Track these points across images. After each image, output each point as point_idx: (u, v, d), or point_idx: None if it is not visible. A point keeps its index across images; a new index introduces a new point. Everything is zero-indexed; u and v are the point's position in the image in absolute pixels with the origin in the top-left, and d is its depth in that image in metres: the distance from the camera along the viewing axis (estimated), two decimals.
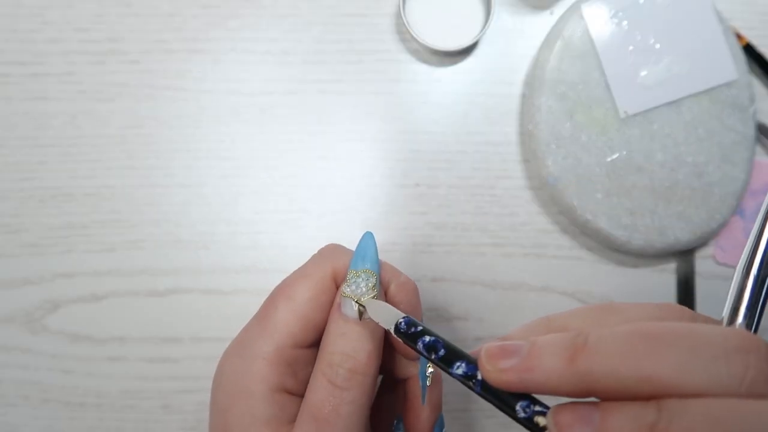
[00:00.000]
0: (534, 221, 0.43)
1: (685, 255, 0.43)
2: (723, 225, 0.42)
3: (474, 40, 0.41)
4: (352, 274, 0.25)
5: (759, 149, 0.43)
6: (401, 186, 0.43)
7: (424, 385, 0.26)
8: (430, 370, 0.26)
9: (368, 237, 0.26)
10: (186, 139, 0.43)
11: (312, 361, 0.25)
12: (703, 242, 0.42)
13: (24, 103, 0.43)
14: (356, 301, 0.24)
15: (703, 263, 0.44)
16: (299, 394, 0.25)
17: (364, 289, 0.25)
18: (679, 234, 0.41)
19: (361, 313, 0.24)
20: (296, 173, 0.43)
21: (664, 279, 0.43)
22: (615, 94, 0.40)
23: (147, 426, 0.42)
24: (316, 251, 0.29)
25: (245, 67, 0.43)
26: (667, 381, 0.16)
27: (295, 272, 0.27)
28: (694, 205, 0.41)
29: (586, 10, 0.41)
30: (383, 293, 0.26)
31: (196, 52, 0.43)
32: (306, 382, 0.25)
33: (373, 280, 0.25)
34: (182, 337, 0.42)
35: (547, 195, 0.43)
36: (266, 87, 0.43)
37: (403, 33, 0.44)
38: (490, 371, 0.19)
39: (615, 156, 0.41)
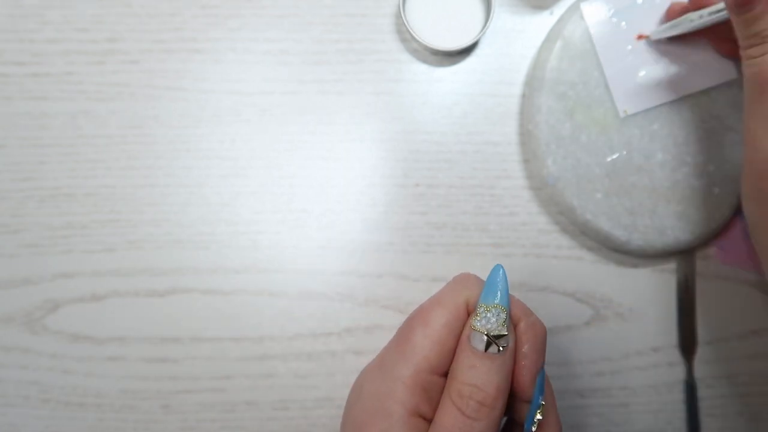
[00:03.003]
0: (534, 221, 0.43)
1: (685, 255, 0.43)
2: (723, 225, 0.42)
3: (474, 40, 0.41)
4: (482, 308, 0.26)
5: None
6: (401, 186, 0.43)
7: (528, 429, 0.26)
8: (539, 417, 0.26)
9: (498, 270, 0.26)
10: (186, 139, 0.43)
11: (444, 387, 0.26)
12: (703, 242, 0.42)
13: (24, 103, 0.43)
14: (486, 335, 0.25)
15: (703, 263, 0.44)
16: (432, 419, 0.26)
17: (494, 323, 0.25)
18: (679, 234, 0.41)
19: (489, 346, 0.25)
20: (296, 173, 0.43)
21: (664, 279, 0.43)
22: (614, 94, 0.40)
23: (147, 426, 0.42)
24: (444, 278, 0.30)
25: (245, 67, 0.43)
26: None
27: (430, 299, 0.28)
28: (694, 205, 0.41)
29: (586, 10, 0.41)
30: (512, 330, 0.27)
31: (196, 52, 0.43)
32: None
33: (503, 316, 0.25)
34: (182, 337, 0.42)
35: (547, 195, 0.43)
36: (266, 87, 0.43)
37: (403, 33, 0.44)
38: None
39: (615, 156, 0.41)
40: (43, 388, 0.42)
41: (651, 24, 0.41)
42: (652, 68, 0.41)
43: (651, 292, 0.43)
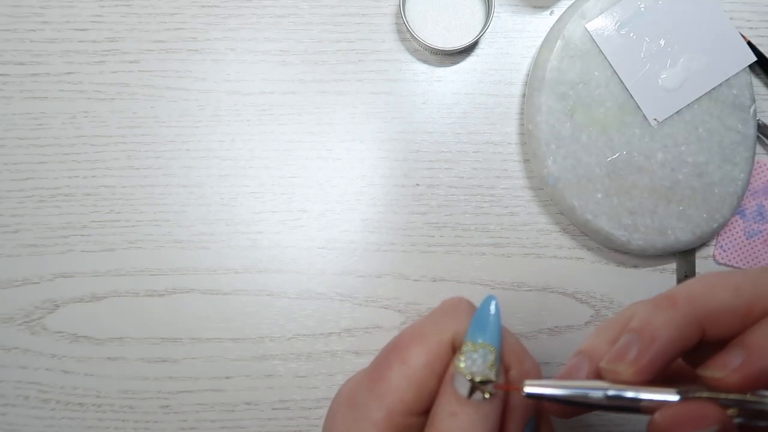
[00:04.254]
0: (534, 221, 0.43)
1: (685, 255, 0.43)
2: (723, 225, 0.42)
3: (474, 40, 0.41)
4: (468, 347, 0.22)
5: (759, 149, 0.43)
6: (401, 186, 0.43)
7: None
8: None
9: (490, 303, 0.23)
10: (186, 139, 0.43)
11: (423, 428, 0.23)
12: (703, 242, 0.42)
13: (24, 103, 0.43)
14: (470, 380, 0.22)
15: (703, 263, 0.44)
16: None
17: (480, 366, 0.22)
18: (679, 234, 0.41)
19: (473, 392, 0.22)
20: (296, 173, 0.43)
21: (664, 279, 0.43)
22: (641, 104, 0.40)
23: (147, 426, 0.42)
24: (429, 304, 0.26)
25: (245, 67, 0.43)
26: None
27: (412, 329, 0.24)
28: (694, 205, 0.41)
29: (591, 27, 0.40)
30: (503, 373, 0.24)
31: (196, 52, 0.43)
32: None
33: (491, 357, 0.22)
34: (182, 337, 0.42)
35: (547, 195, 0.43)
36: (266, 87, 0.43)
37: (403, 33, 0.44)
38: (625, 370, 0.20)
39: (615, 156, 0.41)
40: (42, 388, 0.42)
41: (659, 28, 0.40)
42: (671, 71, 0.40)
43: (651, 292, 0.43)
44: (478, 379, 0.22)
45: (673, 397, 0.20)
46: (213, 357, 0.42)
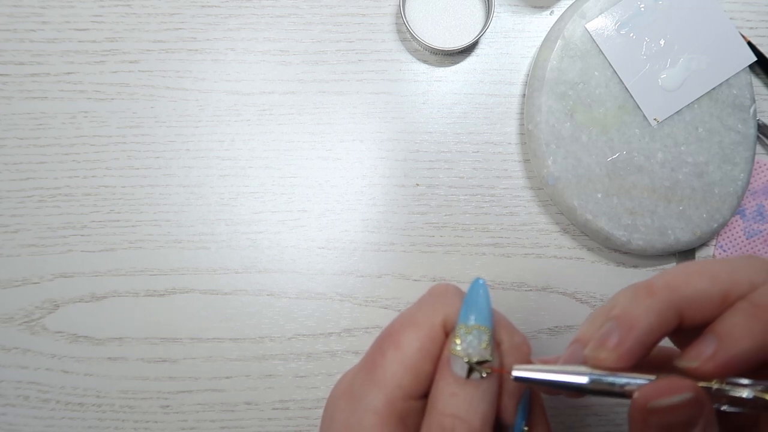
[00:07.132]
0: (534, 221, 0.43)
1: (685, 255, 0.43)
2: (723, 225, 0.42)
3: (474, 40, 0.41)
4: (462, 329, 0.23)
5: (759, 149, 0.43)
6: (401, 186, 0.43)
7: None
8: (525, 429, 0.25)
9: (479, 286, 0.24)
10: (186, 139, 0.43)
11: (423, 411, 0.24)
12: (703, 242, 0.42)
13: (24, 103, 0.43)
14: (468, 362, 0.22)
15: None
16: None
17: (476, 347, 0.23)
18: (679, 234, 0.41)
19: (470, 372, 0.23)
20: (296, 173, 0.43)
21: None
22: (640, 104, 0.40)
23: (147, 426, 0.42)
24: (424, 291, 0.26)
25: (245, 67, 0.43)
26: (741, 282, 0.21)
27: (403, 316, 0.25)
28: (694, 205, 0.41)
29: (591, 27, 0.40)
30: (496, 351, 0.24)
31: (196, 52, 0.43)
32: None
33: (485, 338, 0.23)
34: (182, 337, 0.42)
35: (547, 195, 0.43)
36: (266, 87, 0.43)
37: (403, 33, 0.44)
38: (608, 356, 0.21)
39: (615, 156, 0.41)
40: (42, 388, 0.42)
41: (659, 28, 0.41)
42: (671, 70, 0.40)
43: None
44: (475, 359, 0.22)
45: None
46: (213, 357, 0.42)
